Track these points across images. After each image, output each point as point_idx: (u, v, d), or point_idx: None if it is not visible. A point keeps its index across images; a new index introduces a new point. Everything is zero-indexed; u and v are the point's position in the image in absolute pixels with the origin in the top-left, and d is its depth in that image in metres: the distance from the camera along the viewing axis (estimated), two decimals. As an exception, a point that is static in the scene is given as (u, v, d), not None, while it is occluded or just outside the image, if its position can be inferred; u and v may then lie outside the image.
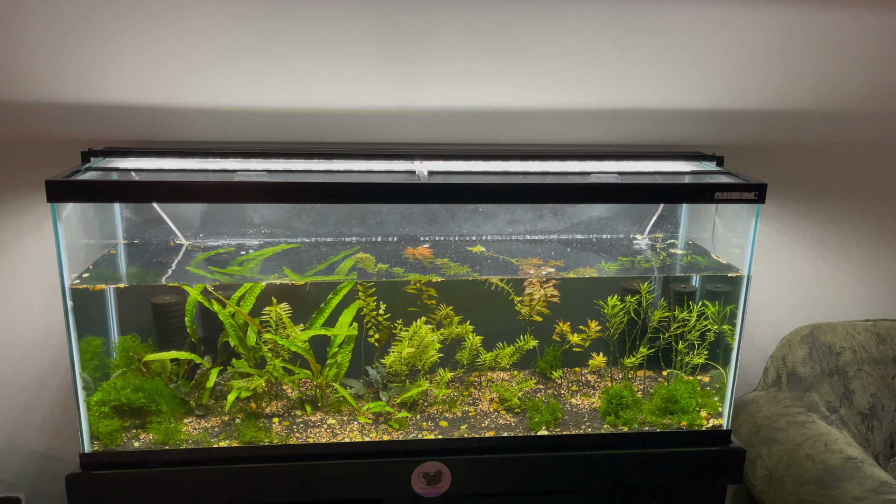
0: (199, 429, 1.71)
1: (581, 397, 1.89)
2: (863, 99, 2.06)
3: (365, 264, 1.80)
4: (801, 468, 1.76)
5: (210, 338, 1.85)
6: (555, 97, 1.96)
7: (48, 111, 1.83)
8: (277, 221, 1.91)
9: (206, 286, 1.74)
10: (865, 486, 1.66)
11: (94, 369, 1.70)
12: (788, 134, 2.07)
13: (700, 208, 1.98)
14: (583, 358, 1.95)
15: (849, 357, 2.05)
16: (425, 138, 1.96)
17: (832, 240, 2.17)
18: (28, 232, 1.91)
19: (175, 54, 1.82)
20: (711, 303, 1.81)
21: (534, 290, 1.81)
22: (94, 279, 1.66)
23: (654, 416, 1.79)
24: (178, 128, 1.88)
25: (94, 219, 1.77)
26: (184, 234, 1.89)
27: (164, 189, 1.51)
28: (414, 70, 1.90)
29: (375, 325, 1.83)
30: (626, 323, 1.85)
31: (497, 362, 1.87)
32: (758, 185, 1.60)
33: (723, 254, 1.87)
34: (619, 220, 2.01)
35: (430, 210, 1.95)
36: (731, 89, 2.00)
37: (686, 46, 1.95)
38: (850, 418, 2.01)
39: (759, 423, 1.94)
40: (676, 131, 2.03)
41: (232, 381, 1.74)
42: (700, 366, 1.86)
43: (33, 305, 1.95)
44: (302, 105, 1.90)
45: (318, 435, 1.71)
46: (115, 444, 1.64)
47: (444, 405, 1.84)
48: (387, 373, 1.84)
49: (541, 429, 1.75)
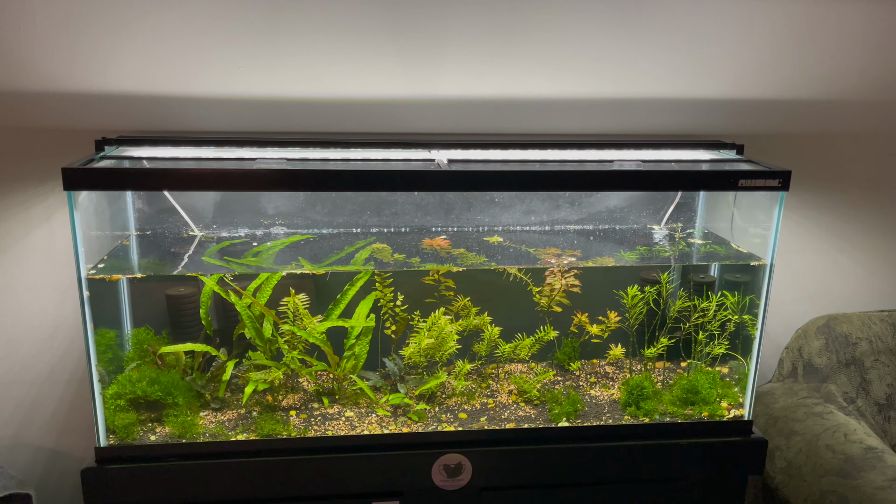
0: (215, 422, 1.69)
1: (600, 388, 1.88)
2: (877, 89, 2.05)
3: (381, 255, 1.78)
4: (822, 459, 1.75)
5: (225, 330, 1.83)
6: (568, 87, 1.94)
7: (58, 101, 1.80)
8: (292, 212, 1.88)
9: (222, 276, 1.72)
10: (888, 476, 1.65)
11: (108, 362, 1.67)
12: (802, 124, 2.06)
13: (717, 198, 1.97)
14: (600, 349, 1.94)
15: (865, 348, 2.04)
16: (440, 128, 1.94)
17: (847, 230, 2.16)
18: (36, 224, 1.87)
19: (187, 43, 1.80)
20: (730, 293, 1.80)
21: (554, 280, 1.79)
22: (109, 269, 1.63)
23: (675, 407, 1.77)
24: (190, 118, 1.86)
25: (106, 209, 1.74)
26: (197, 225, 1.86)
27: (184, 177, 1.48)
28: (428, 59, 1.88)
29: (392, 316, 1.81)
30: (645, 314, 1.84)
31: (516, 354, 1.85)
32: (782, 172, 1.59)
33: (742, 243, 1.86)
34: (635, 211, 2.00)
35: (447, 200, 1.93)
36: (744, 79, 1.99)
37: (699, 36, 1.94)
38: (867, 409, 2.01)
39: (776, 415, 1.93)
40: (691, 121, 2.01)
41: (248, 374, 1.72)
42: (720, 357, 1.85)
43: (41, 299, 1.92)
44: (315, 94, 1.87)
45: (336, 427, 1.69)
46: (130, 437, 1.61)
47: (463, 397, 1.82)
48: (405, 364, 1.82)
49: (561, 420, 1.73)
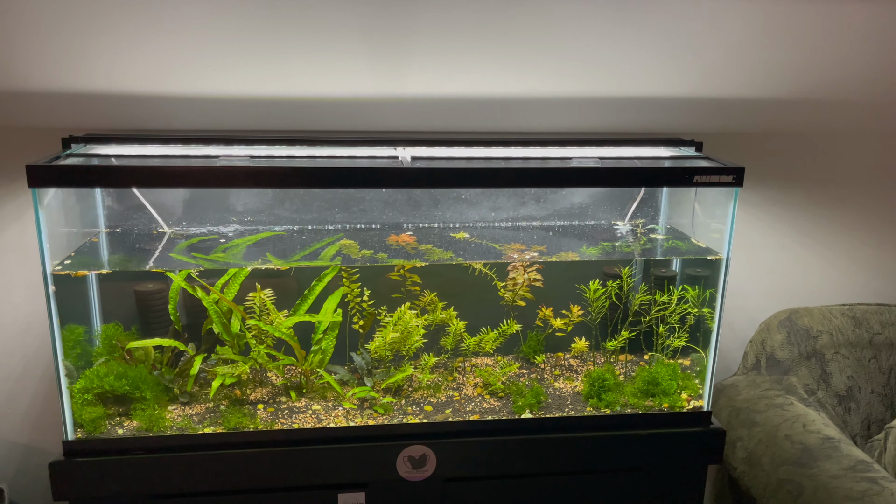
0: (183, 416, 1.71)
1: (564, 381, 1.91)
2: (838, 87, 2.09)
3: (349, 250, 1.81)
4: (780, 448, 1.79)
5: (193, 325, 1.85)
6: (535, 85, 1.97)
7: (27, 100, 1.82)
8: (261, 209, 1.91)
9: (190, 272, 1.74)
10: (843, 465, 1.69)
11: (76, 357, 1.69)
12: (766, 121, 2.10)
13: (680, 195, 2.01)
14: (565, 342, 1.97)
15: (826, 340, 2.09)
16: (407, 126, 1.97)
17: (809, 226, 2.20)
18: (8, 222, 1.89)
19: (155, 42, 1.82)
20: (691, 287, 1.84)
21: (517, 275, 1.82)
22: (76, 266, 1.66)
23: (636, 399, 1.81)
24: (158, 116, 1.88)
25: (75, 207, 1.75)
26: (166, 222, 1.88)
27: (149, 174, 1.50)
28: (395, 58, 1.91)
29: (360, 311, 1.84)
30: (608, 307, 1.87)
31: (481, 347, 1.88)
32: (735, 169, 1.63)
33: (702, 238, 1.90)
34: (600, 207, 2.03)
35: (414, 197, 1.96)
36: (710, 77, 2.03)
37: (664, 34, 1.97)
38: (828, 400, 2.05)
39: (739, 407, 1.97)
40: (655, 118, 2.05)
41: (216, 368, 1.74)
42: (680, 349, 1.89)
43: (14, 296, 1.94)
44: (283, 93, 1.90)
45: (303, 420, 1.72)
46: (98, 431, 1.63)
47: (429, 390, 1.85)
48: (371, 358, 1.85)
49: (525, 412, 1.76)
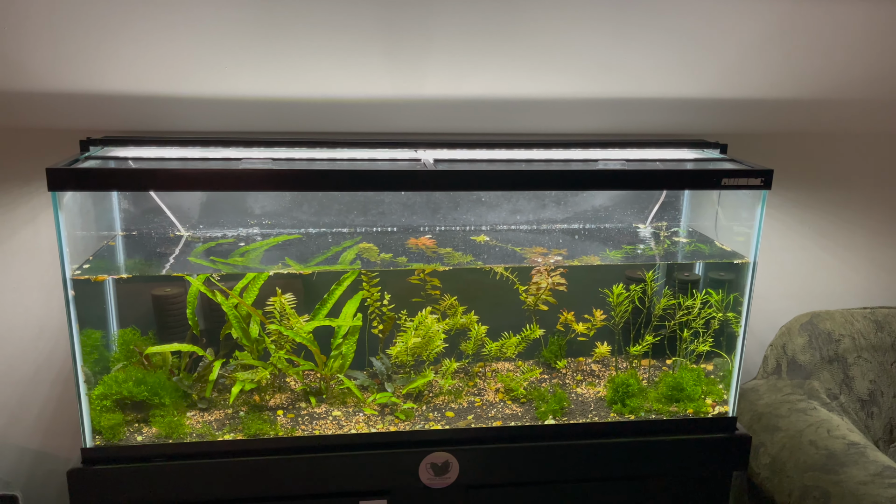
0: (202, 422, 1.69)
1: (586, 386, 1.89)
2: (862, 88, 2.08)
3: (368, 254, 1.78)
4: (805, 454, 1.77)
5: (211, 330, 1.82)
6: (554, 86, 1.95)
7: (43, 101, 1.79)
8: (279, 212, 1.88)
9: (209, 276, 1.72)
10: (869, 471, 1.67)
11: (93, 363, 1.66)
12: (787, 123, 2.08)
13: (701, 197, 1.98)
14: (587, 347, 1.95)
15: (848, 344, 2.06)
16: (425, 127, 1.95)
17: (830, 228, 2.18)
18: (21, 224, 1.87)
19: (173, 43, 1.79)
20: (714, 291, 1.82)
21: (540, 279, 1.80)
22: (94, 270, 1.63)
23: (660, 405, 1.79)
24: (176, 118, 1.85)
25: (91, 210, 1.73)
26: (183, 225, 1.86)
27: (169, 177, 1.48)
28: (414, 59, 1.88)
29: (379, 315, 1.82)
30: (631, 312, 1.85)
31: (502, 352, 1.86)
32: (764, 171, 1.61)
33: (726, 241, 1.87)
34: (621, 210, 2.01)
35: (433, 200, 1.94)
36: (730, 78, 2.01)
37: (684, 35, 1.95)
38: (850, 405, 2.03)
39: (761, 411, 1.95)
40: (676, 120, 2.03)
41: (235, 374, 1.72)
42: (704, 354, 1.87)
43: (26, 299, 1.91)
44: (302, 94, 1.87)
45: (323, 427, 1.69)
46: (117, 438, 1.61)
47: (450, 396, 1.82)
48: (392, 364, 1.82)
49: (548, 418, 1.74)
